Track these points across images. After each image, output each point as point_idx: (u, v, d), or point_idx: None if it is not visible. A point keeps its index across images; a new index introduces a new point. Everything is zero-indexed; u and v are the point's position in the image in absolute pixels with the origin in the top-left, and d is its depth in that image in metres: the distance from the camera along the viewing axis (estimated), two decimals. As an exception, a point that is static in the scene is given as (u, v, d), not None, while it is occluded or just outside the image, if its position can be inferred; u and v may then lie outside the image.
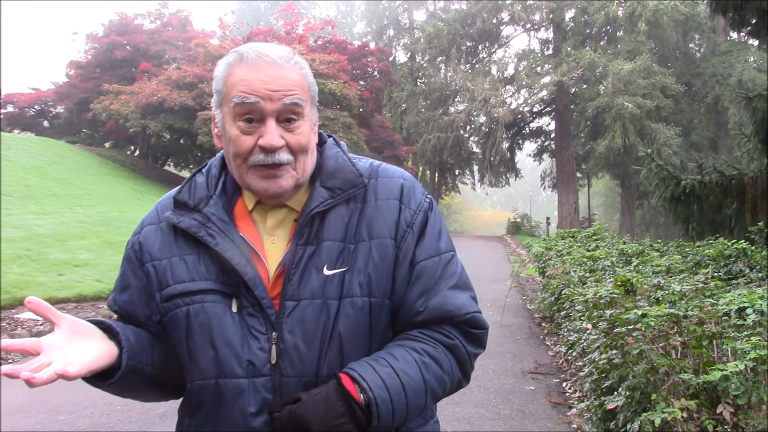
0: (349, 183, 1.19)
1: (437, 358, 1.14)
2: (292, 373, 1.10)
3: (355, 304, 1.13)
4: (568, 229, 16.01)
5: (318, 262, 1.13)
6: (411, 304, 1.16)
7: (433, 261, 1.19)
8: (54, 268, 8.97)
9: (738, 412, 2.61)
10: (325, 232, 1.15)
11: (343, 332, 1.12)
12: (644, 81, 24.91)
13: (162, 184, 25.59)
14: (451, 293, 1.18)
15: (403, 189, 1.21)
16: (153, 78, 26.20)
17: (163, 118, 24.79)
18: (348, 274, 1.13)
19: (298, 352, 1.10)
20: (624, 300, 3.85)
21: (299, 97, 1.14)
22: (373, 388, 1.05)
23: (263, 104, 1.11)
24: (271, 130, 1.12)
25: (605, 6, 26.48)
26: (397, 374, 1.08)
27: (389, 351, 1.13)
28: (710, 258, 6.30)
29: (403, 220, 1.18)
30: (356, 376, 1.06)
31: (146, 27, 32.15)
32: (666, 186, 8.48)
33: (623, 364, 3.14)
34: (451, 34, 30.10)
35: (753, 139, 7.94)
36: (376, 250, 1.15)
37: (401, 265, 1.17)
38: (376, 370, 1.07)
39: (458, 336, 1.17)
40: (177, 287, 1.16)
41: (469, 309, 1.18)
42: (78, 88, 30.11)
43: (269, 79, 1.12)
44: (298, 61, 1.18)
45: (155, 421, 4.23)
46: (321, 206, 1.15)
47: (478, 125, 30.63)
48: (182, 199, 1.20)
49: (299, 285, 1.12)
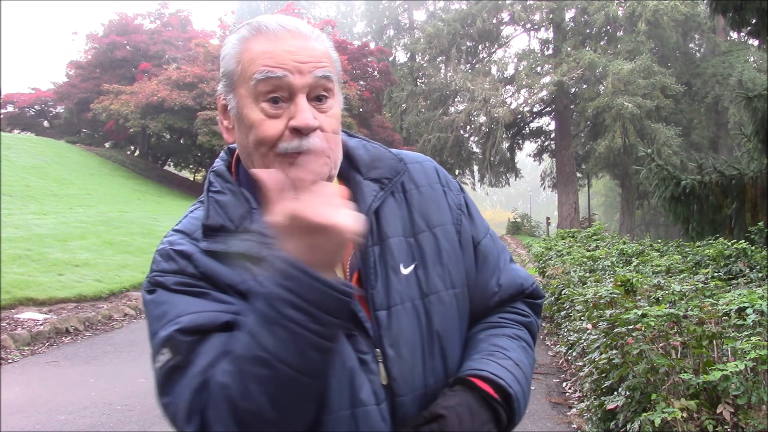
0: (393, 170, 1.08)
1: (527, 339, 1.10)
2: (406, 391, 0.97)
3: (443, 299, 1.03)
4: (568, 229, 16.01)
5: (392, 262, 1.01)
6: (485, 286, 1.10)
7: (488, 239, 1.14)
8: (54, 268, 8.97)
9: (738, 412, 2.60)
10: (387, 229, 1.03)
11: (441, 332, 1.02)
12: (644, 81, 24.91)
13: (162, 184, 25.60)
14: (513, 266, 1.15)
15: (438, 171, 1.14)
16: (153, 78, 26.22)
17: (163, 118, 24.81)
18: (420, 269, 1.03)
19: (405, 366, 0.98)
20: (624, 300, 3.85)
21: (330, 69, 0.99)
22: (511, 384, 0.98)
23: (292, 78, 0.94)
24: (304, 107, 0.95)
25: (605, 6, 26.49)
26: (517, 364, 1.03)
27: (493, 343, 1.06)
28: (710, 258, 6.30)
29: (453, 203, 1.11)
30: (489, 375, 0.97)
31: (146, 27, 32.18)
32: (666, 186, 8.48)
33: (623, 364, 3.14)
34: (451, 34, 30.10)
35: (753, 139, 7.95)
36: (443, 238, 1.07)
37: (466, 248, 1.10)
38: (502, 365, 1.00)
39: (530, 312, 1.14)
40: None
41: (531, 278, 1.16)
42: (78, 88, 30.13)
43: (296, 49, 0.96)
44: (320, 34, 1.04)
45: (155, 421, 4.23)
46: (377, 200, 1.04)
47: (478, 125, 30.63)
48: (217, 224, 0.97)
49: (385, 291, 0.99)
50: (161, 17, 33.05)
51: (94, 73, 30.56)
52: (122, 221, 13.76)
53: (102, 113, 25.94)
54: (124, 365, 5.81)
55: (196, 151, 30.23)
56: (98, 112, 26.12)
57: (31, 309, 7.26)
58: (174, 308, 0.93)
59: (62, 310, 7.47)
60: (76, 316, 7.27)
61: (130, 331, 7.23)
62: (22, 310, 7.18)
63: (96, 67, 30.86)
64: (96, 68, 30.80)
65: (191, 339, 0.89)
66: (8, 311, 6.99)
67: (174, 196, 23.08)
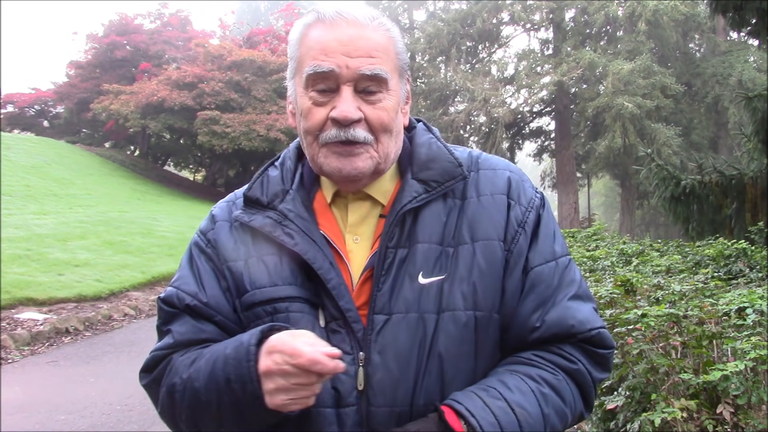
0: (447, 174, 1.01)
1: (558, 387, 0.94)
2: (383, 403, 0.92)
3: (458, 319, 0.95)
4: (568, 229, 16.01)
5: (412, 269, 0.96)
6: (525, 318, 0.97)
7: (549, 266, 1.00)
8: (54, 268, 8.97)
9: (738, 412, 2.60)
10: (420, 233, 0.97)
11: (444, 353, 0.94)
12: (644, 81, 24.90)
13: (162, 184, 25.59)
14: (573, 304, 0.98)
15: (511, 182, 1.03)
16: (153, 78, 26.23)
17: (163, 118, 24.81)
18: (447, 282, 0.95)
19: (389, 377, 0.92)
20: (624, 300, 3.85)
21: (381, 65, 0.96)
22: (484, 426, 0.86)
23: (339, 71, 0.94)
24: (346, 99, 0.95)
25: (605, 6, 26.48)
26: (512, 409, 0.89)
27: (500, 378, 0.94)
28: (710, 258, 6.30)
29: (514, 219, 1.00)
30: (462, 410, 0.88)
31: (146, 27, 32.16)
32: (666, 186, 8.48)
33: (623, 364, 3.13)
34: (451, 34, 30.10)
35: (753, 139, 7.94)
36: (481, 254, 0.97)
37: (512, 271, 0.98)
38: (486, 404, 0.88)
39: (581, 358, 0.97)
40: (257, 294, 0.99)
41: (594, 324, 0.98)
42: (78, 88, 30.13)
43: (347, 39, 0.95)
44: (384, 22, 1.00)
45: (155, 421, 4.23)
46: (414, 202, 0.98)
47: (478, 125, 30.62)
48: (254, 196, 1.03)
49: (391, 295, 0.95)
50: (161, 17, 33.03)
51: (94, 73, 30.55)
52: (122, 221, 13.75)
53: (102, 113, 25.95)
54: (124, 365, 5.81)
55: (196, 151, 30.22)
56: (98, 112, 26.12)
57: (31, 309, 7.26)
58: (177, 274, 1.07)
59: (62, 310, 7.47)
60: (76, 316, 7.27)
61: (130, 331, 7.23)
62: (22, 310, 7.17)
63: (96, 67, 30.85)
64: (96, 68, 30.79)
65: (167, 309, 1.04)
66: (8, 311, 6.99)
67: (174, 196, 23.08)
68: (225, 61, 25.26)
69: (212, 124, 23.41)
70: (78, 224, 12.73)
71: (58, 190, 17.76)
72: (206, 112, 23.50)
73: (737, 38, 27.02)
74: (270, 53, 26.46)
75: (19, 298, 7.38)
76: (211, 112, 23.51)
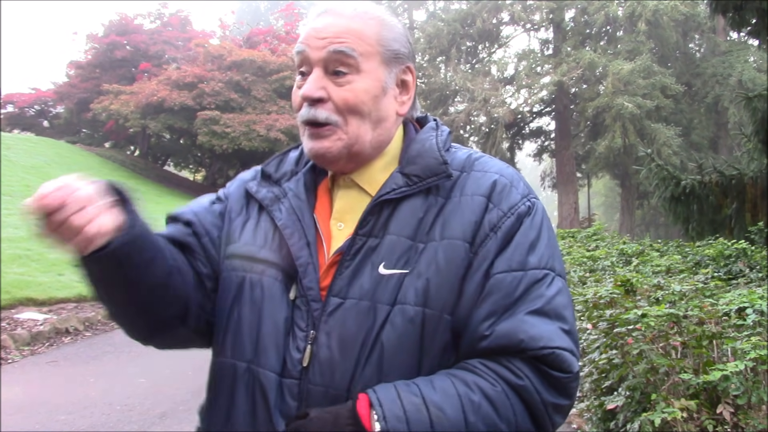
0: (429, 170, 1.01)
1: (493, 398, 0.90)
2: (320, 382, 0.95)
3: (406, 313, 0.94)
4: (568, 229, 16.00)
5: (375, 258, 0.97)
6: (476, 325, 0.94)
7: (513, 276, 0.95)
8: (54, 268, 8.97)
9: (738, 412, 2.61)
10: (393, 225, 0.99)
11: (386, 344, 0.94)
12: (644, 81, 24.89)
13: (162, 184, 25.58)
14: (529, 319, 0.93)
15: (496, 185, 1.01)
16: (153, 78, 26.21)
17: (163, 118, 24.80)
18: (409, 277, 0.96)
19: (330, 358, 0.95)
20: (624, 300, 3.85)
21: (350, 45, 0.99)
22: (389, 419, 0.86)
23: (309, 52, 1.01)
24: (311, 79, 1.00)
25: (605, 6, 26.48)
26: (427, 408, 0.87)
27: (430, 378, 0.93)
28: (710, 258, 6.31)
29: (487, 222, 0.98)
30: (374, 399, 0.88)
31: (146, 27, 32.14)
32: (666, 186, 8.48)
33: (623, 364, 3.14)
34: (451, 34, 30.10)
35: (753, 139, 7.94)
36: (442, 252, 0.96)
37: (473, 274, 0.96)
38: (400, 398, 0.88)
39: (529, 375, 0.92)
40: (242, 247, 1.07)
41: (549, 343, 0.92)
42: (78, 88, 30.11)
43: (323, 26, 1.01)
44: (376, 16, 1.04)
45: (155, 421, 4.23)
46: (392, 194, 1.00)
47: (478, 125, 30.62)
48: (267, 171, 1.13)
49: (349, 281, 0.97)
50: (161, 17, 33.02)
51: (94, 73, 30.52)
52: (122, 221, 13.72)
53: (102, 113, 25.92)
54: (124, 365, 5.81)
55: (196, 151, 30.21)
56: (98, 112, 26.10)
57: (31, 309, 7.26)
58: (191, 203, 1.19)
59: (62, 310, 7.47)
60: (76, 316, 7.27)
61: (130, 331, 7.22)
62: (22, 310, 7.17)
63: (96, 67, 30.82)
64: (96, 68, 30.76)
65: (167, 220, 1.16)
66: (8, 311, 6.99)
67: (174, 196, 23.07)
68: (225, 61, 25.25)
69: (212, 124, 23.40)
70: (78, 224, 12.71)
71: (58, 190, 17.75)
72: (206, 112, 23.49)
73: (737, 38, 27.01)
74: (270, 53, 26.45)
75: (19, 298, 7.38)
76: (211, 112, 23.50)
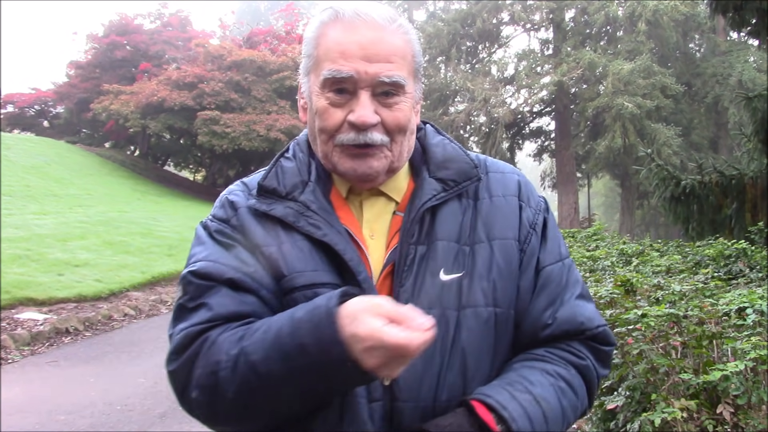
0: (464, 174, 1.04)
1: (571, 382, 0.99)
2: (408, 398, 0.94)
3: (479, 315, 0.97)
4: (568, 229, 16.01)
5: (433, 266, 0.98)
6: (537, 315, 1.02)
7: (558, 266, 1.05)
8: (54, 268, 8.97)
9: (738, 412, 2.60)
10: (438, 231, 1.00)
11: (467, 348, 0.96)
12: (644, 81, 24.89)
13: (162, 184, 25.59)
14: (580, 303, 1.04)
15: (521, 186, 1.09)
16: (153, 78, 26.25)
17: (163, 118, 24.82)
18: (466, 279, 0.98)
19: (414, 372, 0.92)
20: (624, 300, 3.84)
21: (399, 71, 0.97)
22: (517, 418, 0.89)
23: (357, 76, 0.96)
24: (364, 104, 0.96)
25: (605, 6, 26.47)
26: (538, 402, 0.92)
27: (520, 374, 0.97)
28: (710, 258, 6.30)
29: (526, 220, 1.05)
30: (494, 403, 0.90)
31: (146, 27, 32.17)
32: (666, 186, 8.47)
33: (623, 364, 3.13)
34: (451, 34, 30.09)
35: (753, 139, 7.94)
36: (499, 252, 1.01)
37: (525, 270, 1.03)
38: (515, 397, 0.91)
39: (589, 355, 1.02)
40: (297, 277, 0.96)
41: (600, 321, 1.04)
42: (78, 88, 30.13)
43: (367, 42, 0.96)
44: (403, 24, 1.01)
45: (155, 421, 4.23)
46: (434, 200, 1.01)
47: (478, 125, 30.62)
48: (270, 186, 1.02)
49: (413, 291, 0.96)
50: (161, 17, 33.04)
51: (94, 73, 30.54)
52: (122, 221, 13.75)
53: (102, 113, 25.94)
54: (124, 365, 5.81)
55: (196, 151, 30.23)
56: (98, 112, 26.12)
57: (31, 309, 7.26)
58: (202, 252, 1.00)
59: (62, 310, 7.47)
60: (76, 316, 7.27)
61: (130, 331, 7.23)
62: (22, 310, 7.18)
63: (96, 67, 30.85)
64: (96, 68, 30.78)
65: (200, 283, 0.95)
66: (8, 311, 6.99)
67: (174, 196, 23.07)
68: (225, 61, 25.27)
69: (212, 124, 23.41)
70: (78, 224, 12.72)
71: (58, 190, 17.76)
72: (206, 112, 23.51)
73: (737, 38, 27.00)
74: (270, 53, 26.46)
75: (19, 298, 7.38)
76: (211, 112, 23.51)
